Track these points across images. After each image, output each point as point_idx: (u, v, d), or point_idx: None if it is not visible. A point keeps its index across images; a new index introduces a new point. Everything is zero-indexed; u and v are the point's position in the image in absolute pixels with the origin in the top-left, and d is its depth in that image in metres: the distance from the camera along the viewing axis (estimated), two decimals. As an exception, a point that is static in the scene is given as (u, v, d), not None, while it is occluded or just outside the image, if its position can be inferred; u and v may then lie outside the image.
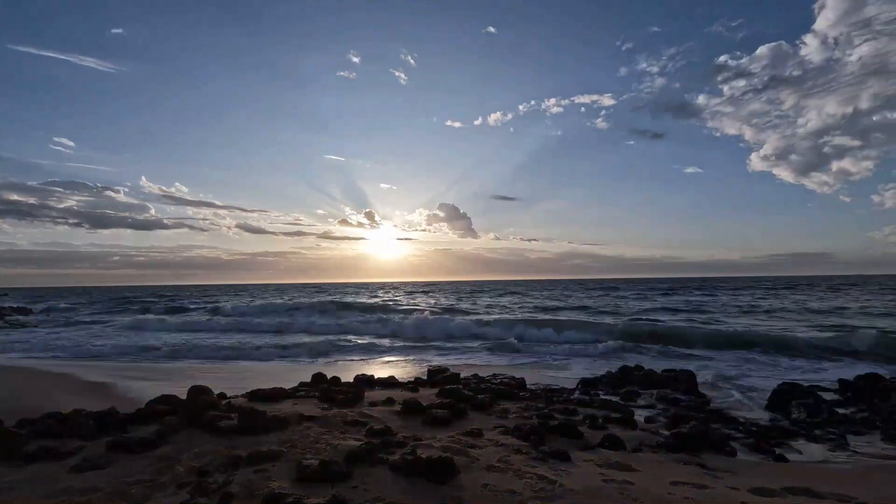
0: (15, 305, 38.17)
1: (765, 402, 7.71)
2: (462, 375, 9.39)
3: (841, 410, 7.05)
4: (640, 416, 6.58)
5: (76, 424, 4.95)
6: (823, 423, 6.36)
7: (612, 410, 6.68)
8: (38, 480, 3.69)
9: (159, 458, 4.16)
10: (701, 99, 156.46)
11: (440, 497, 3.33)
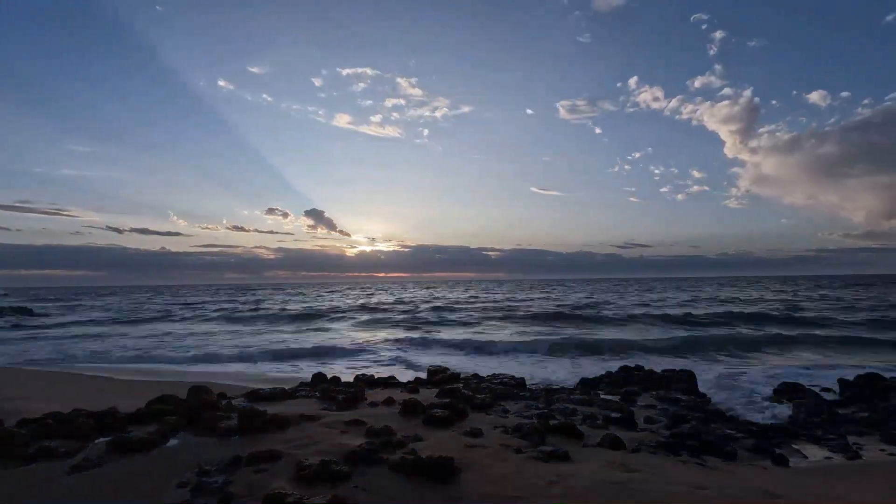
0: (16, 305, 38.14)
1: (765, 401, 7.70)
2: (462, 375, 9.40)
3: (841, 410, 7.05)
4: (640, 416, 6.58)
5: (76, 424, 4.95)
6: (823, 423, 6.35)
7: (612, 410, 6.67)
8: (39, 480, 3.69)
9: (159, 458, 4.16)
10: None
11: (440, 497, 3.34)
